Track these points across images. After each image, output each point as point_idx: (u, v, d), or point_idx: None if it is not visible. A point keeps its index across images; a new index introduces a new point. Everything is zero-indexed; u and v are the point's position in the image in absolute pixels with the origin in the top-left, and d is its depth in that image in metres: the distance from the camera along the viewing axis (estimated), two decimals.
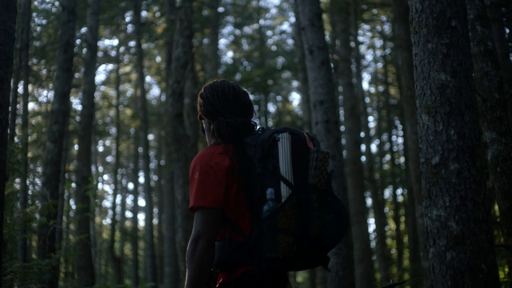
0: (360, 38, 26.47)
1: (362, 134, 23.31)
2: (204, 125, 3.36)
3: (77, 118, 19.96)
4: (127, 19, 26.46)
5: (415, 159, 11.11)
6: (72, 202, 24.60)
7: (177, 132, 12.21)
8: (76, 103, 26.80)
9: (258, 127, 3.26)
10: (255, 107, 19.70)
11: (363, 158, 23.06)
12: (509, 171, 4.97)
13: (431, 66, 3.59)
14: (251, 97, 3.32)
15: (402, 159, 28.07)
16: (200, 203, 2.96)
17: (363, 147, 23.30)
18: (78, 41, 19.69)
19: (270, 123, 27.82)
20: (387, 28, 27.47)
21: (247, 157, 3.09)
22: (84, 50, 17.24)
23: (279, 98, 30.54)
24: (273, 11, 32.31)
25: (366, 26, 27.17)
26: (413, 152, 11.16)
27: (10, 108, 14.44)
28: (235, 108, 3.23)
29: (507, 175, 4.96)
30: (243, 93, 3.30)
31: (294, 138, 3.06)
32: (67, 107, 12.40)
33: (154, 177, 33.12)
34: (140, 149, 28.63)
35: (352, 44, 21.88)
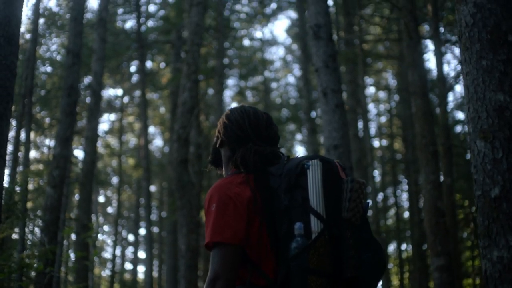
0: (366, 91, 26.45)
1: (369, 189, 22.99)
2: (222, 153, 2.98)
3: (79, 165, 19.76)
4: (132, 68, 26.56)
5: (428, 209, 10.74)
6: (71, 251, 24.17)
7: (182, 178, 11.82)
8: (78, 151, 26.81)
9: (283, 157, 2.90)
10: None
11: (369, 212, 22.66)
12: None
13: (487, 85, 3.21)
14: None
15: (406, 214, 27.71)
16: (218, 238, 2.54)
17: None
18: (82, 87, 19.62)
19: None
20: (391, 81, 27.51)
21: (270, 188, 2.69)
22: (88, 99, 17.12)
23: (283, 150, 30.35)
24: (278, 63, 32.32)
25: (369, 80, 27.18)
26: (428, 202, 10.78)
27: (12, 155, 14.18)
28: (267, 136, 2.90)
29: None
30: (274, 124, 2.98)
31: (326, 167, 2.66)
32: (69, 153, 12.15)
33: (155, 229, 32.66)
34: (142, 200, 28.36)
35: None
